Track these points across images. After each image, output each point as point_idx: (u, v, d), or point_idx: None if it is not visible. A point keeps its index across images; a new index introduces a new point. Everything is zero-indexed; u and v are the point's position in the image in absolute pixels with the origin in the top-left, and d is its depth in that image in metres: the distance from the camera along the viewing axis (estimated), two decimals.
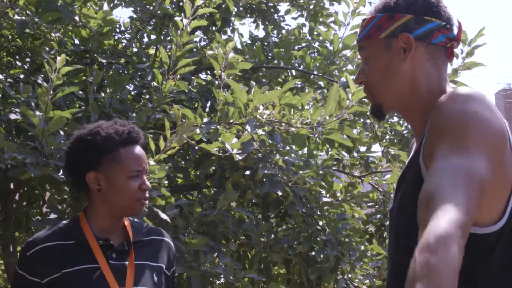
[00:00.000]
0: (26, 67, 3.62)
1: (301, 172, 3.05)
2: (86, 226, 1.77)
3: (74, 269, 1.69)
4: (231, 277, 2.87)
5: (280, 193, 3.36)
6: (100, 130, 1.78)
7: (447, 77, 1.43)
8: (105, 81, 3.27)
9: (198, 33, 4.17)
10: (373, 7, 1.47)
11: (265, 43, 4.52)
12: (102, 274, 1.70)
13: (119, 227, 1.82)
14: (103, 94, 3.37)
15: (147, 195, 1.79)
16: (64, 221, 1.84)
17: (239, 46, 4.40)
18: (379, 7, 1.44)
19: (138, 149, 1.80)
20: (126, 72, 3.41)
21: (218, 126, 2.76)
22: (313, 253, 3.29)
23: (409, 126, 4.16)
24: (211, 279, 3.14)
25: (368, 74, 1.44)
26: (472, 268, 1.21)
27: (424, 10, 1.39)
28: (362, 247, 3.46)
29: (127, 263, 1.75)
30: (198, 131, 2.71)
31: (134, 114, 3.07)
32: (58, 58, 2.36)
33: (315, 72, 4.03)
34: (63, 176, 2.75)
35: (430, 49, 1.40)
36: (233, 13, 4.31)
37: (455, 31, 1.42)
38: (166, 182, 2.75)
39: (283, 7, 4.97)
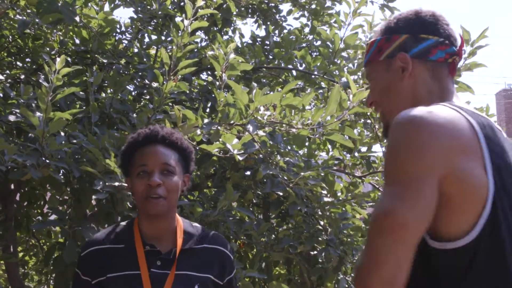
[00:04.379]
0: (26, 67, 3.62)
1: (302, 173, 3.04)
2: (137, 231, 1.78)
3: (116, 275, 1.72)
4: None
5: (281, 194, 3.35)
6: (129, 138, 1.87)
7: (453, 89, 1.44)
8: (106, 82, 3.26)
9: (199, 33, 4.16)
10: (377, 30, 1.52)
11: (266, 43, 4.51)
12: (140, 282, 1.70)
13: (168, 232, 1.80)
14: (103, 95, 3.36)
15: (158, 191, 1.73)
16: (123, 223, 1.87)
17: (240, 45, 4.39)
18: (381, 30, 1.49)
19: (151, 148, 1.80)
20: (126, 72, 3.40)
21: (218, 127, 2.75)
22: (315, 252, 3.28)
23: None
24: None
25: (373, 95, 1.49)
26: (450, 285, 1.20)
27: (421, 29, 1.42)
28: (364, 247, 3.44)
29: (169, 272, 1.74)
30: (198, 131, 2.71)
31: (134, 115, 3.07)
32: (58, 59, 2.35)
33: (316, 72, 4.02)
34: (63, 177, 2.74)
35: (429, 65, 1.42)
36: (234, 13, 4.30)
37: (458, 46, 1.44)
38: None
39: (285, 7, 4.97)
